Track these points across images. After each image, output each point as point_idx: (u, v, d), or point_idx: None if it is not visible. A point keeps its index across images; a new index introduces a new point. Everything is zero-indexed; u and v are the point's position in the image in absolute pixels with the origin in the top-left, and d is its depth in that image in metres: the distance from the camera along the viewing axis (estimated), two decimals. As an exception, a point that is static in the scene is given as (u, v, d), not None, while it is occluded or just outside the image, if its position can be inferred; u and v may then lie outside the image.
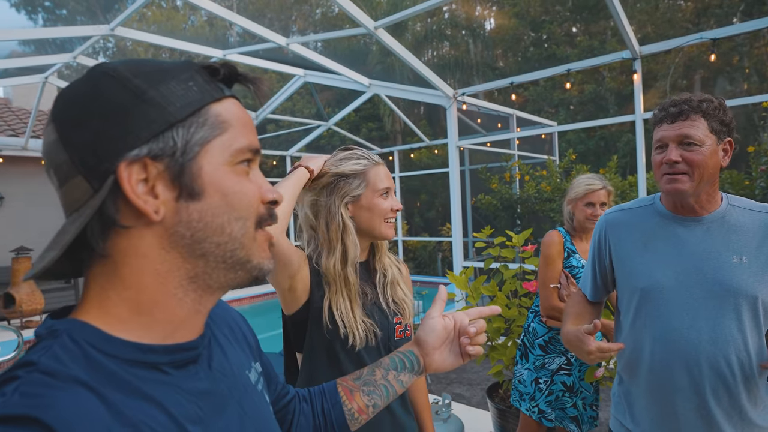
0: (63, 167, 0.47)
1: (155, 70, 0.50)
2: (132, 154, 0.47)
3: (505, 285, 2.99)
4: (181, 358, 0.52)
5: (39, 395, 0.40)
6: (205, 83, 0.52)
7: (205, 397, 0.53)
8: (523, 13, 14.34)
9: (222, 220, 0.52)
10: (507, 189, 6.81)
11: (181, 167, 0.49)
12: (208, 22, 13.94)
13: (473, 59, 14.53)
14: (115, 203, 0.47)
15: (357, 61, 9.17)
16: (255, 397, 0.64)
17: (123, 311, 0.50)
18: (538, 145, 8.44)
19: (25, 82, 6.31)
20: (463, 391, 4.21)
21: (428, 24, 14.89)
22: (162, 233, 0.50)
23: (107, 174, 0.46)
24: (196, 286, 0.53)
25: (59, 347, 0.45)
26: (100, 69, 0.49)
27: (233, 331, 0.68)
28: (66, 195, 0.48)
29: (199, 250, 0.51)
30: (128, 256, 0.49)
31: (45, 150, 0.49)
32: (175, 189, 0.49)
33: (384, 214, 1.26)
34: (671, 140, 1.27)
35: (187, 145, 0.49)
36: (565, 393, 2.33)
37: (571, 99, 12.92)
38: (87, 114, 0.47)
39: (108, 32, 5.30)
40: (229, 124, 0.53)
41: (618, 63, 5.01)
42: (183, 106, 0.49)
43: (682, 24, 12.53)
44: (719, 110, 1.26)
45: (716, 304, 1.25)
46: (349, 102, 7.98)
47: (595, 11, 13.17)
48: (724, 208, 1.31)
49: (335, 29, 15.55)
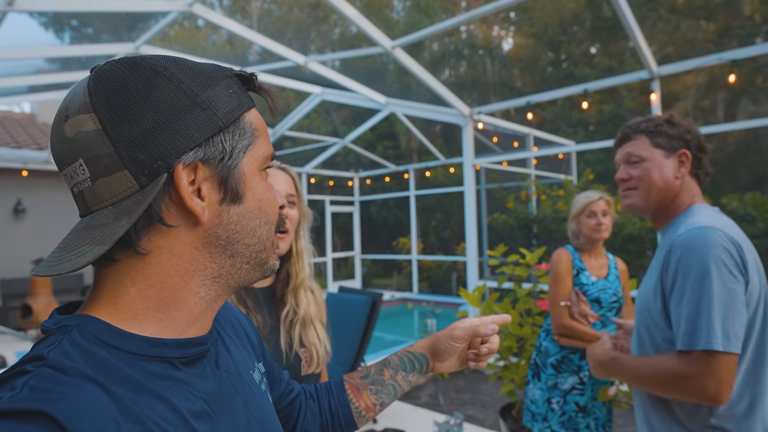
0: (103, 159, 0.46)
1: (201, 73, 0.51)
2: (188, 156, 0.48)
3: (519, 303, 2.95)
4: (192, 353, 0.53)
5: (48, 390, 0.40)
6: (239, 91, 0.54)
7: (213, 394, 0.54)
8: (540, 33, 14.39)
9: (255, 224, 0.55)
10: (523, 208, 6.75)
11: (229, 171, 0.51)
12: (229, 41, 14.31)
13: (490, 79, 14.61)
14: (160, 202, 0.48)
15: (374, 79, 9.28)
16: (259, 397, 0.64)
17: (141, 307, 0.50)
18: (555, 164, 8.37)
19: (50, 98, 6.53)
20: (476, 413, 4.12)
21: (446, 43, 15.05)
22: (200, 234, 0.51)
23: (158, 172, 0.47)
24: (217, 286, 0.54)
25: (69, 342, 0.45)
26: (150, 66, 0.49)
27: (236, 331, 0.69)
28: (101, 187, 0.47)
29: (230, 251, 0.53)
30: (161, 254, 0.50)
31: (74, 139, 0.47)
32: (221, 192, 0.51)
33: None
34: (620, 161, 1.41)
35: (233, 150, 0.51)
36: (579, 413, 2.26)
37: (590, 119, 12.84)
38: (139, 110, 0.47)
39: (133, 50, 5.47)
40: (259, 132, 0.55)
41: (637, 83, 4.98)
42: (228, 112, 0.51)
43: (704, 45, 12.41)
44: (663, 126, 1.34)
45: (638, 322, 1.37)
46: (366, 120, 8.05)
47: (614, 31, 13.15)
48: (673, 223, 1.33)
49: (353, 48, 15.83)
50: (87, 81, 0.49)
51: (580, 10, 13.78)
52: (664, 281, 1.20)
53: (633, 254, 5.80)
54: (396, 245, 12.38)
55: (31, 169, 7.57)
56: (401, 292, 10.60)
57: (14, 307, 7.10)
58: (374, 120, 7.64)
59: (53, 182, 7.98)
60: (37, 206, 7.83)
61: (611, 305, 2.31)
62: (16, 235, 7.63)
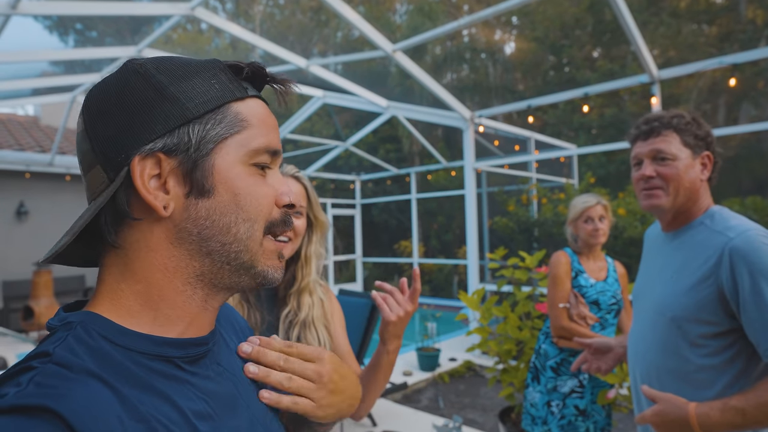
0: (87, 156, 0.49)
1: (180, 67, 0.51)
2: (146, 148, 0.48)
3: (518, 306, 2.95)
4: (193, 353, 0.53)
5: (54, 386, 0.40)
6: (228, 82, 0.52)
7: (215, 394, 0.53)
8: (542, 37, 14.41)
9: (229, 220, 0.51)
10: (524, 212, 6.75)
11: (194, 163, 0.50)
12: (231, 45, 14.37)
13: (492, 82, 14.62)
14: (128, 195, 0.49)
15: (376, 82, 9.29)
16: None
17: (134, 304, 0.51)
18: (557, 168, 8.37)
19: (54, 100, 6.56)
20: (476, 416, 4.11)
21: (448, 47, 15.07)
22: (170, 228, 0.51)
23: (122, 165, 0.48)
24: (203, 285, 0.53)
25: (74, 339, 0.45)
26: (130, 65, 0.51)
27: (237, 333, 0.69)
28: (88, 183, 0.50)
29: (205, 248, 0.52)
30: (139, 249, 0.50)
31: (76, 140, 0.52)
32: (186, 185, 0.50)
33: None
34: (645, 156, 1.31)
35: (201, 141, 0.50)
36: (578, 417, 2.26)
37: (592, 122, 12.83)
38: (111, 106, 0.48)
39: (135, 53, 5.50)
40: (248, 123, 0.52)
41: (639, 87, 4.98)
42: (201, 103, 0.50)
43: (705, 49, 12.41)
44: (692, 125, 1.28)
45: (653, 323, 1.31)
46: (367, 123, 8.07)
47: (616, 35, 13.16)
48: (694, 223, 1.29)
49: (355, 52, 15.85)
50: None
51: (581, 14, 13.79)
52: (723, 284, 1.13)
53: (634, 258, 5.79)
54: (397, 248, 12.38)
55: (34, 171, 7.61)
56: (402, 295, 10.57)
57: (16, 309, 7.12)
58: (375, 123, 7.65)
59: (56, 185, 8.01)
60: (39, 208, 7.86)
61: (610, 307, 2.31)
62: (18, 237, 7.66)
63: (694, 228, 1.29)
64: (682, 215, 1.31)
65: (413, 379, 4.92)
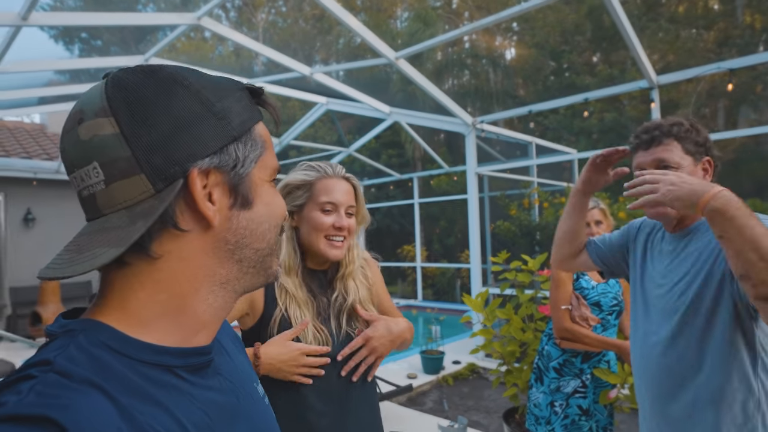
0: (120, 163, 0.46)
1: (216, 84, 0.53)
2: (204, 163, 0.49)
3: (521, 309, 3.00)
4: (194, 362, 0.53)
5: (55, 396, 0.40)
6: (249, 104, 0.55)
7: (216, 405, 0.53)
8: (542, 43, 14.53)
9: (264, 228, 0.56)
10: (526, 216, 6.81)
11: (240, 179, 0.53)
12: (235, 52, 14.49)
13: (493, 88, 14.72)
14: (174, 206, 0.49)
15: (378, 89, 9.38)
16: (264, 410, 0.64)
17: (148, 313, 0.50)
18: (557, 172, 8.44)
19: (60, 109, 6.66)
20: (480, 418, 4.16)
21: (449, 53, 15.19)
22: (209, 239, 0.52)
23: (174, 177, 0.48)
24: (224, 292, 0.55)
25: (75, 348, 0.45)
26: (169, 75, 0.50)
27: (235, 344, 0.70)
28: (116, 191, 0.47)
29: (237, 256, 0.54)
30: (171, 259, 0.50)
31: (89, 142, 0.47)
32: (232, 197, 0.52)
33: (322, 230, 1.20)
34: (648, 165, 1.30)
35: (245, 159, 0.53)
36: (581, 417, 2.31)
37: (592, 127, 12.91)
38: (158, 115, 0.47)
39: (142, 62, 5.60)
40: (267, 144, 0.57)
41: (638, 92, 5.05)
42: (241, 123, 0.53)
43: (703, 54, 12.50)
44: (691, 132, 1.29)
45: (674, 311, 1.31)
46: (370, 129, 8.15)
47: (615, 41, 13.25)
48: (700, 223, 1.31)
49: (357, 58, 16.02)
50: (103, 86, 0.49)
51: (580, 21, 13.90)
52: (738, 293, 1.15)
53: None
54: (400, 253, 12.43)
55: (41, 178, 7.70)
56: (406, 299, 10.64)
57: (24, 315, 7.19)
58: (378, 129, 7.74)
59: (63, 192, 8.10)
60: (46, 215, 7.94)
61: (611, 308, 2.36)
62: (25, 244, 7.74)
63: (697, 229, 1.32)
64: (685, 220, 1.33)
65: (418, 381, 4.97)
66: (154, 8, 11.22)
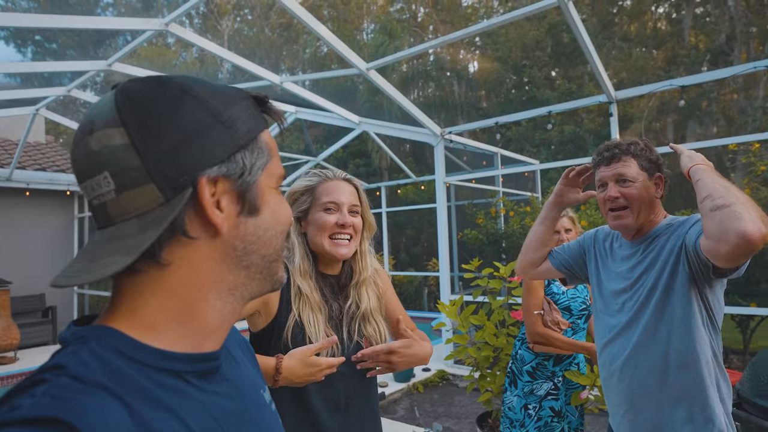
0: (130, 173, 0.47)
1: (222, 93, 0.54)
2: (212, 171, 0.50)
3: (493, 315, 3.08)
4: (203, 368, 0.54)
5: (68, 399, 0.41)
6: (255, 112, 0.57)
7: (224, 411, 0.54)
8: (505, 57, 15.00)
9: (270, 234, 0.57)
10: (492, 224, 6.97)
11: (248, 186, 0.54)
12: (199, 59, 14.26)
13: (458, 100, 15.06)
14: (183, 214, 0.50)
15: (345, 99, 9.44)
16: (271, 417, 0.65)
17: (159, 320, 0.51)
18: (521, 182, 8.70)
19: (12, 113, 6.35)
20: (451, 424, 4.20)
21: (414, 65, 15.45)
22: (218, 245, 0.53)
23: (184, 186, 0.49)
24: (233, 298, 0.56)
25: (87, 353, 0.46)
26: (177, 85, 0.51)
27: (243, 351, 0.71)
28: (127, 200, 0.48)
29: (245, 262, 0.55)
30: (180, 266, 0.51)
31: (99, 152, 0.48)
32: (239, 205, 0.54)
33: (326, 229, 1.23)
34: (609, 179, 1.48)
35: (252, 167, 0.54)
36: (554, 418, 2.38)
37: (552, 139, 13.40)
38: (167, 125, 0.48)
39: (105, 67, 5.44)
40: (273, 152, 0.58)
41: (595, 106, 5.29)
42: (248, 131, 0.54)
43: (654, 71, 13.23)
44: (645, 150, 1.48)
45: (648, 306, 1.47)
46: (338, 138, 8.17)
47: (573, 57, 13.86)
48: (658, 229, 1.49)
49: (323, 68, 16.06)
50: (113, 96, 0.50)
51: (541, 37, 14.45)
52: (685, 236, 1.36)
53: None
54: (367, 262, 12.41)
55: (-9, 186, 7.32)
56: (373, 309, 10.60)
57: (-30, 331, 6.75)
58: (347, 138, 7.77)
59: (15, 200, 7.71)
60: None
61: (580, 312, 2.46)
62: (-28, 255, 7.31)
63: (659, 231, 1.49)
64: (645, 227, 1.51)
65: (389, 390, 4.98)
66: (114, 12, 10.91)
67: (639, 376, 1.45)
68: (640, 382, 1.45)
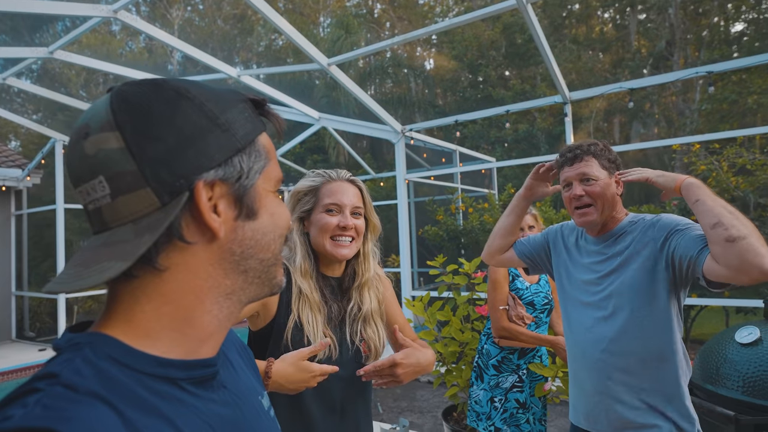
0: (126, 177, 0.46)
1: (218, 96, 0.53)
2: (209, 175, 0.49)
3: (459, 310, 3.12)
4: (199, 375, 0.52)
5: (61, 408, 0.40)
6: (253, 115, 0.55)
7: (220, 418, 0.53)
8: (461, 56, 15.26)
9: (269, 239, 0.56)
10: (452, 220, 7.08)
11: (245, 190, 0.53)
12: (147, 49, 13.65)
13: (415, 97, 15.18)
14: (180, 219, 0.49)
15: (303, 94, 9.29)
16: (268, 424, 0.64)
17: (155, 326, 0.50)
18: (478, 179, 8.89)
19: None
20: (415, 418, 4.25)
21: (371, 61, 15.44)
22: (215, 250, 0.52)
23: (180, 190, 0.48)
24: (230, 303, 0.55)
25: (81, 361, 0.45)
26: (173, 88, 0.50)
27: (242, 356, 0.69)
28: (122, 204, 0.47)
29: (243, 266, 0.54)
30: (178, 271, 0.50)
31: (95, 156, 0.47)
32: (237, 209, 0.52)
33: (328, 231, 1.24)
34: (574, 179, 1.56)
35: (250, 171, 0.53)
36: (519, 410, 2.45)
37: (506, 137, 13.76)
38: (163, 129, 0.47)
39: (46, 55, 5.10)
40: (271, 155, 0.57)
41: (548, 106, 5.47)
42: (245, 134, 0.53)
43: (602, 74, 13.85)
44: (605, 151, 1.57)
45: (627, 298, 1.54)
46: (295, 134, 8.04)
47: (526, 58, 14.29)
48: (621, 225, 1.58)
49: (279, 62, 15.74)
50: (108, 100, 0.49)
51: (496, 37, 14.79)
52: (667, 243, 1.42)
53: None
54: (325, 259, 12.33)
55: None
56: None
57: None
58: (306, 134, 7.66)
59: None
60: None
61: (543, 307, 2.54)
62: None
63: (624, 229, 1.57)
64: (605, 225, 1.60)
65: (351, 388, 4.96)
66: (53, -4, 10.23)
67: (612, 368, 1.51)
68: (612, 374, 1.51)
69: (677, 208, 6.14)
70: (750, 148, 5.58)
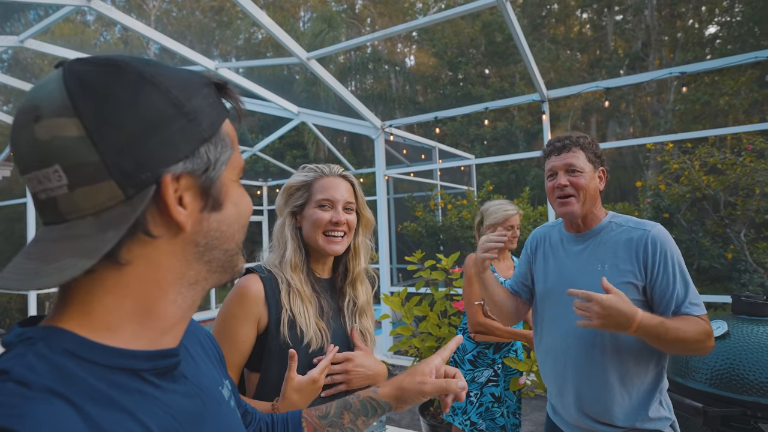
0: (86, 168, 0.43)
1: (183, 80, 0.50)
2: (177, 168, 0.47)
3: (436, 305, 3.15)
4: (162, 365, 0.51)
5: (13, 405, 0.39)
6: (216, 100, 0.53)
7: (182, 409, 0.52)
8: (441, 53, 15.31)
9: (234, 229, 0.55)
10: (431, 217, 7.12)
11: (212, 182, 0.51)
12: (123, 40, 13.34)
13: (395, 93, 15.18)
14: (145, 213, 0.47)
15: (282, 88, 9.20)
16: (229, 414, 0.63)
17: (115, 318, 0.48)
18: (457, 176, 8.95)
19: None
20: (392, 414, 4.27)
21: (352, 57, 15.37)
22: (179, 242, 0.50)
23: (146, 183, 0.45)
24: (193, 293, 0.54)
25: (34, 356, 0.43)
26: (135, 71, 0.46)
27: (204, 347, 0.68)
28: (81, 197, 0.44)
29: (207, 257, 0.53)
30: (139, 264, 0.48)
31: (49, 143, 0.43)
32: (202, 201, 0.51)
33: (320, 226, 1.25)
34: (559, 169, 1.55)
35: (217, 162, 0.51)
36: (494, 404, 2.49)
37: (485, 134, 13.88)
38: (125, 117, 0.44)
39: (17, 44, 4.95)
40: (234, 143, 0.55)
41: (526, 104, 5.53)
42: (210, 123, 0.50)
43: (579, 73, 14.07)
44: (592, 145, 1.57)
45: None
46: (275, 129, 7.96)
47: (505, 56, 14.42)
48: (603, 225, 1.57)
49: (258, 56, 15.56)
50: (62, 79, 0.45)
51: (475, 35, 14.88)
52: (646, 264, 1.44)
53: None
54: (304, 255, 12.27)
55: None
56: (311, 302, 10.52)
57: None
58: (285, 129, 7.60)
59: None
60: None
61: (519, 302, 2.58)
62: None
63: (605, 228, 1.56)
64: (588, 219, 1.58)
65: (329, 383, 4.95)
66: (23, -17, 9.91)
67: (590, 361, 1.51)
68: (591, 367, 1.51)
69: (651, 207, 6.30)
70: (721, 147, 5.75)
